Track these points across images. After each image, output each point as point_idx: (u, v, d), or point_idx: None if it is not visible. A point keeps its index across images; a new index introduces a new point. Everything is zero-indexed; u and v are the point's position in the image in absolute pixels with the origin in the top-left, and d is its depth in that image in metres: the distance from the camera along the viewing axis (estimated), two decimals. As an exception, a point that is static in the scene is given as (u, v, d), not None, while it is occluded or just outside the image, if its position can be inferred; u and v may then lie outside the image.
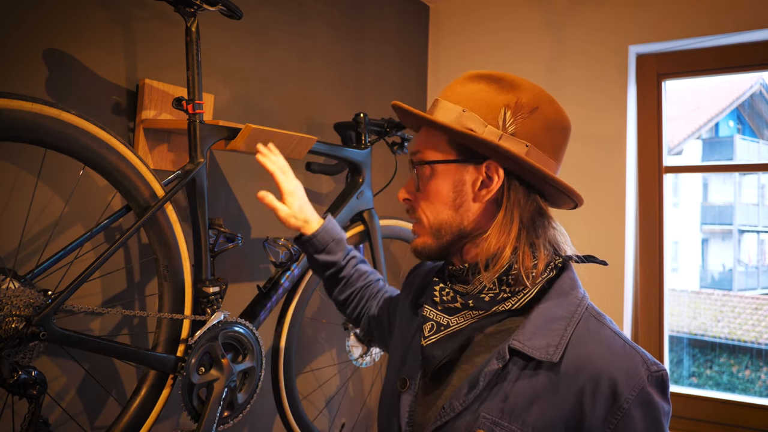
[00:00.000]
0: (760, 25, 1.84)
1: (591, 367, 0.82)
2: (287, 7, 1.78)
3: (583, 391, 0.81)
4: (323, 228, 1.22)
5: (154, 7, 1.38)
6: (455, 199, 0.91)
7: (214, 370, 1.25)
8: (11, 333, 0.96)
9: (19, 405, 1.10)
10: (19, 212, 1.16)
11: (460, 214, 0.92)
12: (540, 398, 0.83)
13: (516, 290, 0.89)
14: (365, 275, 1.29)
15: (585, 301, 0.90)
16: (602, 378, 0.81)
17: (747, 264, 3.56)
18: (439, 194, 0.92)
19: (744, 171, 3.48)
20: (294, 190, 1.23)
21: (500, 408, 0.83)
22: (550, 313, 0.87)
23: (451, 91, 0.94)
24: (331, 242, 1.24)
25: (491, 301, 0.89)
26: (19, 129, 0.97)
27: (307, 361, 1.93)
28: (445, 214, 0.92)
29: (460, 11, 2.41)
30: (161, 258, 1.21)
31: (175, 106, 1.25)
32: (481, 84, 0.91)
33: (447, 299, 0.93)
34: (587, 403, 0.81)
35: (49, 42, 1.20)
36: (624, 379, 0.81)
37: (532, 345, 0.84)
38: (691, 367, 3.01)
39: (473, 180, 0.91)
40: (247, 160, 1.67)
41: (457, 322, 0.91)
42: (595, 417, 0.80)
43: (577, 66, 2.13)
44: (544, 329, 0.85)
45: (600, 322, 0.88)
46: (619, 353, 0.83)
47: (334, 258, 1.24)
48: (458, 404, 0.86)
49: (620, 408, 0.80)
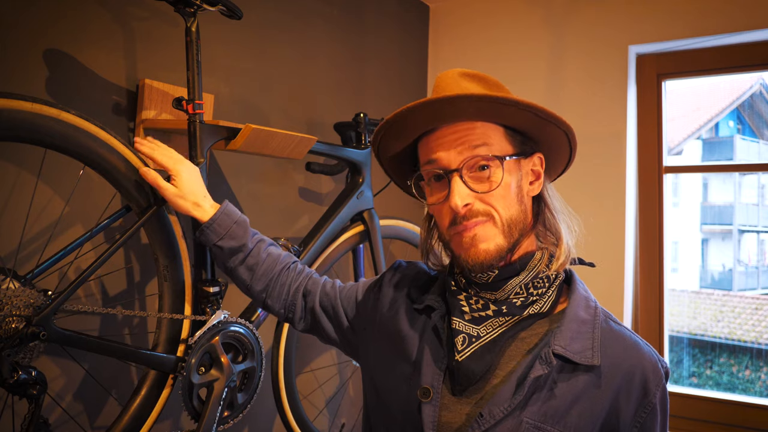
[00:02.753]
0: (760, 25, 1.84)
1: (625, 366, 0.87)
2: (287, 7, 1.78)
3: (619, 390, 0.86)
4: (221, 210, 1.11)
5: (154, 7, 1.38)
6: (518, 194, 0.90)
7: (215, 370, 1.25)
8: (11, 333, 0.96)
9: (19, 405, 1.10)
10: (19, 212, 1.16)
11: (523, 209, 0.91)
12: (580, 400, 0.85)
13: (542, 292, 0.90)
14: (279, 258, 1.16)
15: (597, 303, 0.94)
16: (635, 376, 0.86)
17: (747, 264, 3.55)
18: (509, 189, 0.89)
19: (744, 171, 3.48)
20: (182, 171, 1.11)
21: (542, 412, 0.84)
22: (579, 317, 0.89)
23: (455, 84, 0.90)
24: (233, 225, 1.11)
25: (522, 305, 0.90)
26: (20, 129, 0.97)
27: (307, 361, 1.93)
28: (514, 208, 0.89)
29: (459, 11, 2.41)
30: (161, 258, 1.21)
31: (175, 106, 1.24)
32: (473, 82, 0.91)
33: (477, 308, 0.91)
34: (623, 400, 0.85)
35: (49, 42, 1.20)
36: (652, 376, 0.87)
37: (573, 349, 0.86)
38: (691, 367, 3.01)
39: (527, 173, 0.92)
40: (247, 160, 1.67)
41: (486, 331, 0.90)
42: (629, 413, 0.86)
43: (577, 66, 2.13)
44: (578, 333, 0.87)
45: (615, 322, 0.93)
46: (643, 352, 0.89)
47: (239, 243, 1.11)
48: (499, 411, 0.84)
49: (649, 402, 0.86)
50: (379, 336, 1.03)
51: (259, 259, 1.13)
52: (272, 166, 1.76)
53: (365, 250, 1.86)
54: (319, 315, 1.13)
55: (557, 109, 2.34)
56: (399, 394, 0.94)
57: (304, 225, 1.87)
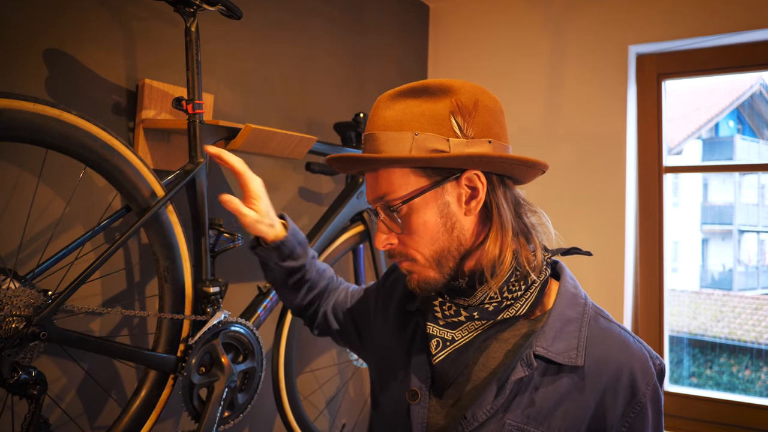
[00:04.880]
0: (760, 25, 1.84)
1: (612, 366, 0.84)
2: (287, 7, 1.78)
3: (605, 389, 0.84)
4: (290, 232, 1.11)
5: (154, 6, 1.38)
6: (445, 223, 0.86)
7: (215, 370, 1.25)
8: (11, 333, 0.96)
9: (19, 405, 1.10)
10: (19, 212, 1.16)
11: (456, 236, 0.87)
12: (565, 401, 0.84)
13: (518, 295, 0.88)
14: (325, 273, 1.20)
15: (588, 299, 0.92)
16: (623, 375, 0.84)
17: (747, 264, 3.55)
18: (427, 226, 0.86)
19: (744, 171, 3.48)
20: (260, 192, 1.10)
21: (526, 414, 0.84)
22: (564, 315, 0.87)
23: (381, 119, 0.87)
24: (297, 246, 1.11)
25: (496, 310, 0.88)
26: (21, 129, 0.96)
27: (307, 361, 1.93)
28: (440, 242, 0.86)
29: (459, 11, 2.41)
30: (161, 258, 1.21)
31: (174, 106, 1.24)
32: (409, 100, 0.86)
33: (449, 314, 0.90)
34: (609, 400, 0.84)
35: (48, 42, 1.20)
36: (640, 374, 0.84)
37: (555, 350, 0.84)
38: (691, 367, 3.01)
39: (457, 196, 0.86)
40: (247, 160, 1.67)
41: (461, 335, 0.89)
42: (616, 412, 0.83)
43: (577, 65, 2.13)
44: (562, 332, 0.86)
45: (606, 319, 0.90)
46: (632, 349, 0.87)
47: (299, 263, 1.12)
48: (482, 413, 0.84)
49: (638, 402, 0.84)
50: (378, 339, 1.05)
51: (311, 277, 1.16)
52: (272, 166, 1.76)
53: (365, 250, 1.86)
54: (330, 320, 1.19)
55: (557, 108, 2.34)
56: (392, 396, 0.96)
57: (304, 225, 1.87)
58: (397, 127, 0.85)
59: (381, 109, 0.88)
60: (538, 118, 2.20)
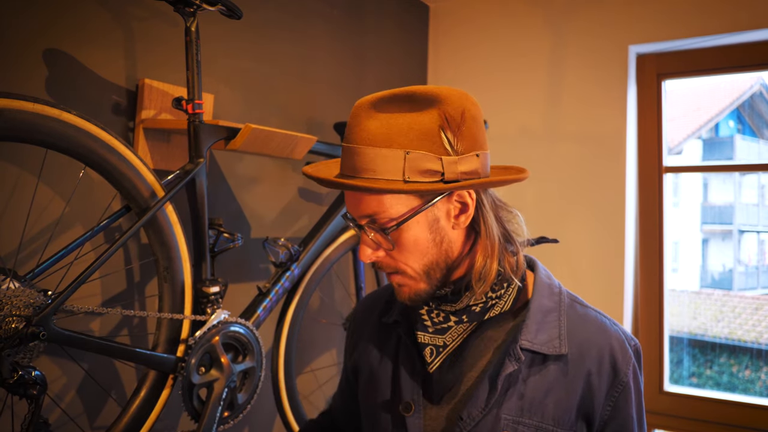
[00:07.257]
0: (760, 25, 1.84)
1: (593, 350, 0.88)
2: (287, 7, 1.78)
3: (590, 373, 0.87)
4: None
5: (154, 6, 1.38)
6: (434, 238, 0.86)
7: (215, 370, 1.25)
8: (11, 333, 0.96)
9: (19, 405, 1.10)
10: (19, 212, 1.16)
11: (444, 249, 0.87)
12: (554, 389, 0.86)
13: (501, 293, 0.90)
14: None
15: (561, 287, 0.95)
16: (604, 357, 0.88)
17: (747, 264, 3.55)
18: (418, 242, 0.85)
19: (744, 171, 3.48)
20: None
21: (519, 407, 0.86)
22: (543, 306, 0.90)
23: (365, 131, 0.82)
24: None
25: (482, 310, 0.90)
26: (21, 129, 0.96)
27: (307, 361, 1.93)
28: (429, 255, 0.86)
29: (459, 11, 2.41)
30: (161, 258, 1.21)
31: (174, 106, 1.24)
32: (393, 110, 0.82)
33: (438, 320, 0.91)
34: (594, 382, 0.87)
35: (48, 42, 1.20)
36: (620, 355, 0.88)
37: (539, 341, 0.87)
38: (691, 367, 3.01)
39: (446, 212, 0.86)
40: (247, 160, 1.67)
41: (452, 338, 0.91)
42: (601, 393, 0.87)
43: (577, 65, 2.13)
44: (543, 323, 0.89)
45: (581, 305, 0.94)
46: (609, 332, 0.90)
47: None
48: (477, 412, 0.86)
49: (621, 382, 0.88)
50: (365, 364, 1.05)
51: None
52: (272, 166, 1.76)
53: (365, 250, 1.86)
54: None
55: (557, 108, 2.34)
56: (381, 410, 0.97)
57: (304, 225, 1.87)
58: (384, 143, 0.81)
59: (363, 119, 0.83)
60: (539, 118, 2.20)
